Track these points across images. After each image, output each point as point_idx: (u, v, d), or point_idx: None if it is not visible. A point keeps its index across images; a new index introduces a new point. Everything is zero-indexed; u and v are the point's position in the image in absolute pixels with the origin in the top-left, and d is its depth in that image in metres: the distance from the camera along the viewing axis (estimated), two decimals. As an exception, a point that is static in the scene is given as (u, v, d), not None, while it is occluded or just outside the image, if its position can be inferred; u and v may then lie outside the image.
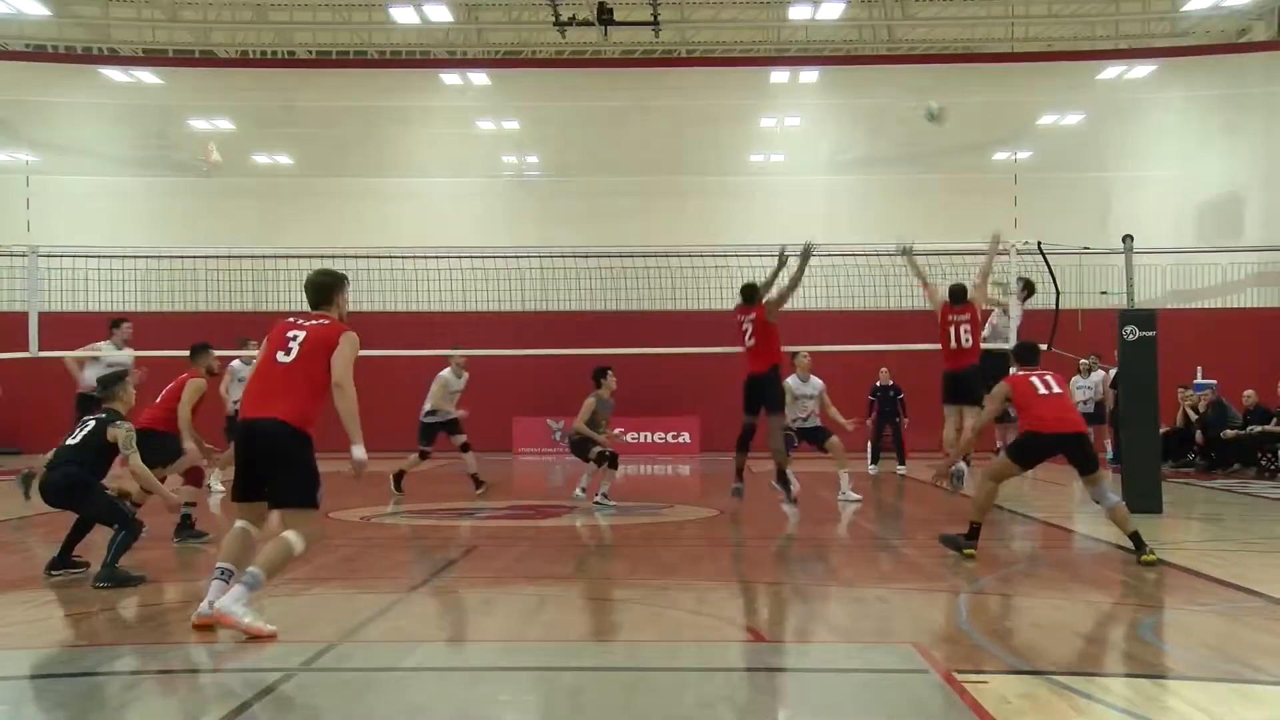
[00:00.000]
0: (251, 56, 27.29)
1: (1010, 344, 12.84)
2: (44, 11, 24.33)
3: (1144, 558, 8.81)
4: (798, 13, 25.72)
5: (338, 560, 9.66)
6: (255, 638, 6.29)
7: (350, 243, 21.04)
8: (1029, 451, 9.30)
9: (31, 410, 23.28)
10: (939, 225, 24.52)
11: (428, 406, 14.34)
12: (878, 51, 27.54)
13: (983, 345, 13.03)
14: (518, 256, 20.45)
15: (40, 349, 13.91)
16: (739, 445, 12.39)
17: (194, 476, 10.64)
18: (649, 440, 24.57)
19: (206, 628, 6.47)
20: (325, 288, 7.11)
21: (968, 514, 9.48)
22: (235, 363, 14.75)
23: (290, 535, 6.59)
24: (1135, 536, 8.99)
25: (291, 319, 6.96)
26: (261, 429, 6.62)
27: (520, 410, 24.08)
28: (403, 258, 19.93)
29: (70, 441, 8.76)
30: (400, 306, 20.28)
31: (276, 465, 6.63)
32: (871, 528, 12.12)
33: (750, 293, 12.58)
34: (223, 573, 6.59)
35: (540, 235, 24.48)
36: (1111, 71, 26.53)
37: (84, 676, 5.85)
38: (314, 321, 6.89)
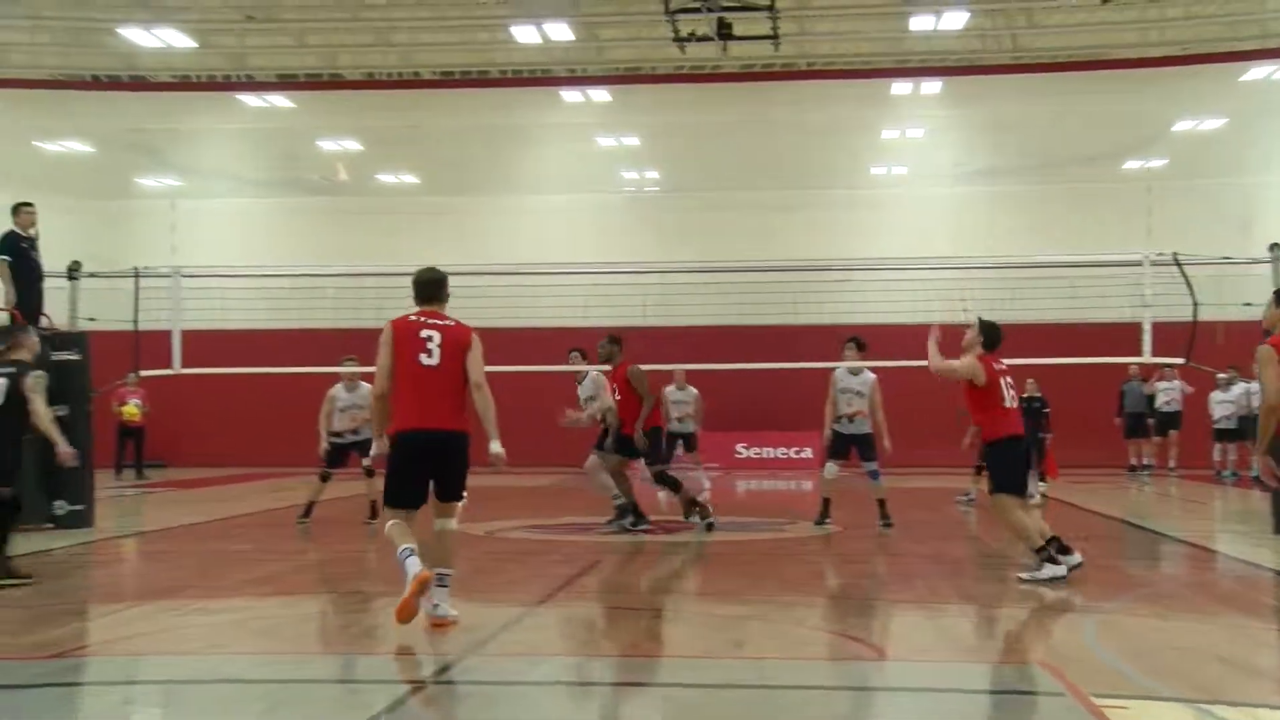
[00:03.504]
0: (377, 78, 27.95)
1: None
2: (190, 43, 25.32)
3: None
4: (919, 23, 25.33)
5: (465, 574, 9.78)
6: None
7: (473, 259, 21.35)
8: None
9: (176, 425, 24.22)
10: (1067, 237, 23.98)
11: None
12: (1002, 61, 26.97)
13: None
14: (638, 271, 20.53)
15: (182, 366, 14.40)
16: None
17: None
18: (771, 455, 24.39)
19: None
20: (441, 283, 7.32)
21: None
22: (337, 389, 13.38)
23: (452, 523, 7.18)
24: None
25: (414, 318, 7.11)
26: (445, 441, 6.98)
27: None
28: (524, 274, 20.17)
29: None
30: (521, 322, 20.51)
31: (452, 470, 7.07)
32: (998, 545, 11.82)
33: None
34: (411, 550, 6.91)
35: (660, 250, 24.54)
36: (1258, 72, 25.39)
37: (221, 684, 6.03)
38: (443, 322, 7.11)
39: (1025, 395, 18.18)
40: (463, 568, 10.07)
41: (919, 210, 26.73)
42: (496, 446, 7.06)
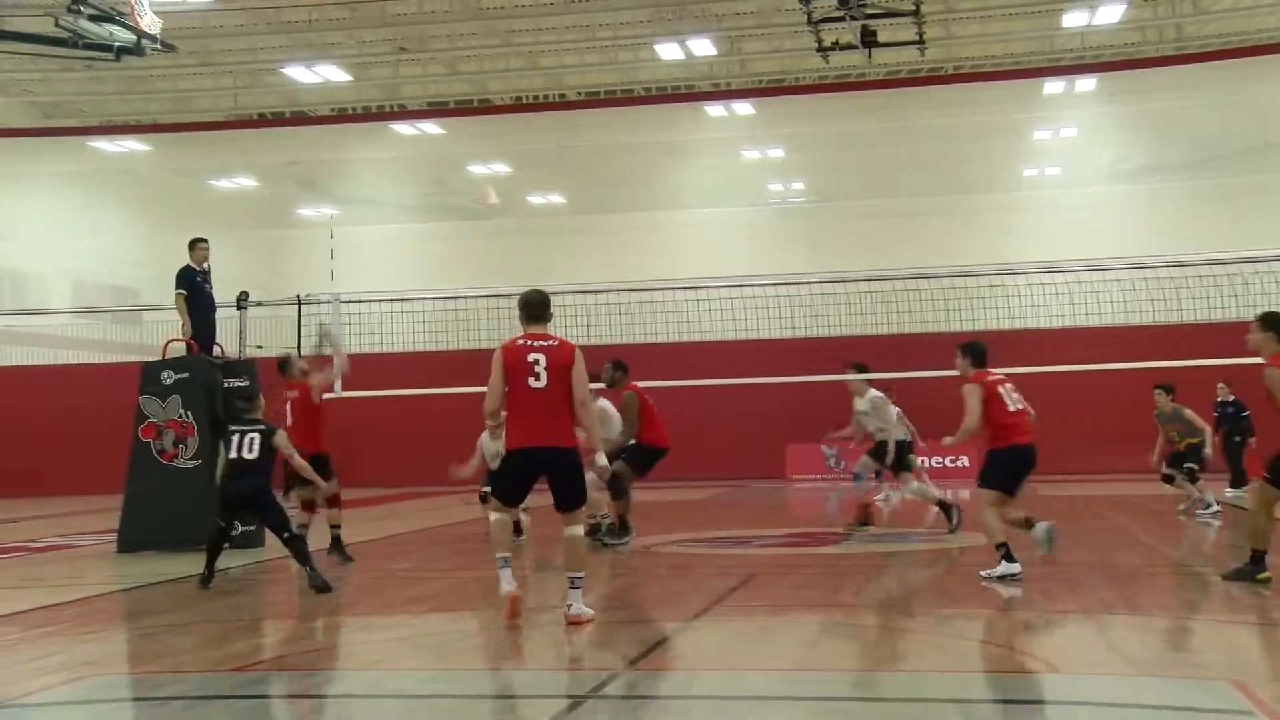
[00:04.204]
0: (525, 101, 28.52)
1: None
2: (347, 77, 26.30)
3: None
4: (1072, 19, 24.59)
5: (621, 589, 9.86)
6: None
7: (622, 276, 21.55)
8: None
9: (338, 446, 24.98)
10: (1239, 231, 22.93)
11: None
12: (1163, 52, 25.98)
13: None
14: (787, 283, 20.39)
15: (343, 389, 14.84)
16: None
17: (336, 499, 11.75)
18: (927, 465, 23.89)
19: (515, 599, 7.64)
20: (546, 303, 7.87)
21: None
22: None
23: (579, 529, 7.72)
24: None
25: (521, 342, 7.65)
26: (554, 458, 7.55)
27: (793, 437, 23.98)
28: (673, 289, 20.24)
29: (248, 456, 9.64)
30: (673, 337, 20.58)
31: (565, 482, 7.64)
32: (1175, 554, 11.32)
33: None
34: (505, 560, 7.70)
35: (809, 261, 24.35)
36: None
37: (388, 699, 6.18)
38: (547, 343, 7.64)
39: (1219, 400, 17.31)
40: (619, 583, 10.16)
41: (1075, 212, 25.96)
42: (601, 459, 7.98)
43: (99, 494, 19.90)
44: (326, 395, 12.10)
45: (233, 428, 10.06)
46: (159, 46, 20.51)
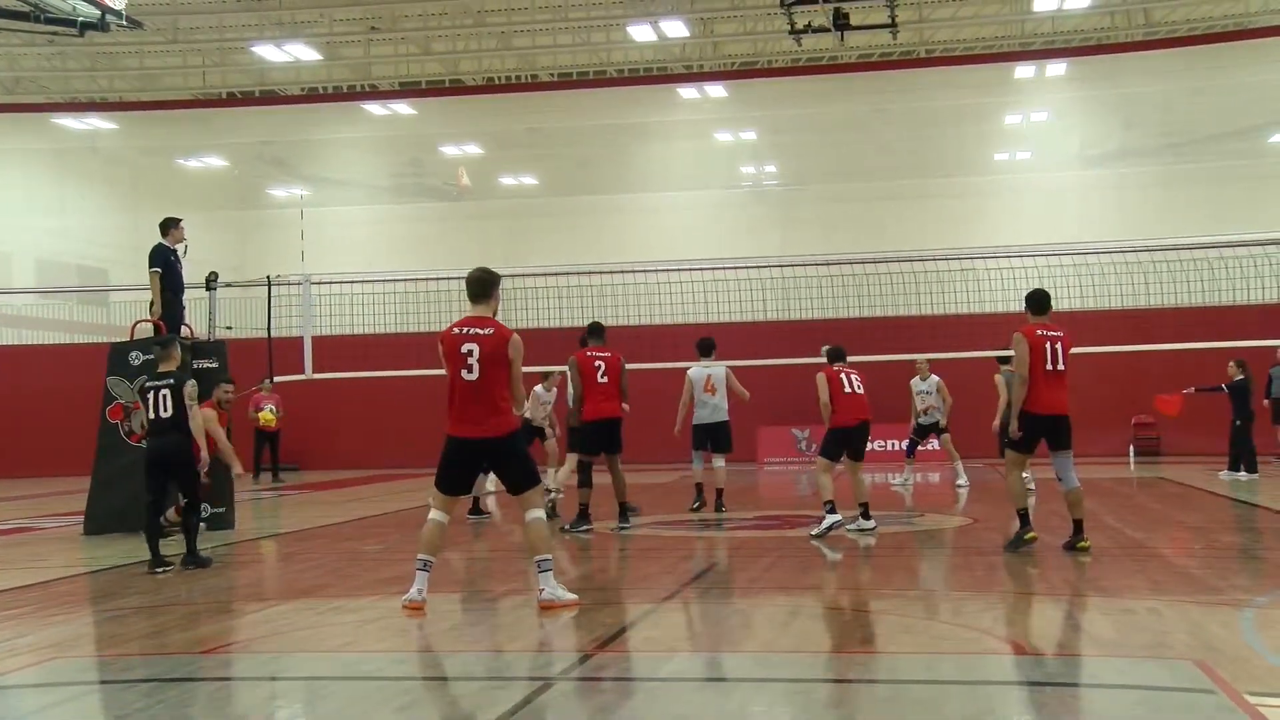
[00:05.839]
0: (497, 82, 28.37)
1: None
2: (317, 56, 26.07)
3: (1079, 544, 9.69)
4: (1043, 3, 24.68)
5: (591, 571, 9.87)
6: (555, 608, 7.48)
7: (593, 258, 21.50)
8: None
9: (308, 428, 24.90)
10: (1205, 217, 23.11)
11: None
12: (1133, 38, 26.12)
13: None
14: (759, 266, 20.41)
15: (314, 371, 14.78)
16: None
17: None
18: (898, 448, 24.01)
19: (416, 609, 7.55)
20: (486, 283, 7.87)
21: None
22: (538, 388, 15.01)
23: (537, 512, 7.74)
24: (1079, 523, 9.82)
25: (458, 330, 7.66)
26: (488, 447, 7.63)
27: (765, 420, 24.05)
28: (645, 271, 20.21)
29: (163, 414, 9.40)
30: (644, 320, 20.56)
31: (506, 467, 7.78)
32: (1138, 536, 11.44)
33: None
34: (425, 564, 7.64)
35: (781, 244, 24.39)
36: None
37: (359, 681, 6.17)
38: (483, 330, 7.63)
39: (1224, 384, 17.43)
40: (590, 565, 10.17)
41: (1045, 196, 26.10)
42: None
43: (65, 476, 19.74)
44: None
45: (148, 383, 9.73)
46: (124, 23, 20.26)
